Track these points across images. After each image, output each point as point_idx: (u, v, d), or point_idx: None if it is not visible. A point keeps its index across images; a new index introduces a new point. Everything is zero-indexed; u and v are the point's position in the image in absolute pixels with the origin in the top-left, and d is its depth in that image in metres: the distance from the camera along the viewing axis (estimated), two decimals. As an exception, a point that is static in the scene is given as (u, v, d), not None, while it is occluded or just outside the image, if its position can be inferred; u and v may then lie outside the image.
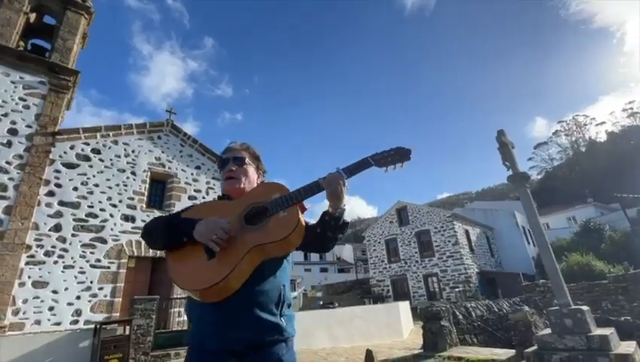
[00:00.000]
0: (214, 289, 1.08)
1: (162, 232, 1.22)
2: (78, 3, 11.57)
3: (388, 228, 25.84)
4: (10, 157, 8.87)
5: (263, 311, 1.15)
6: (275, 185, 1.33)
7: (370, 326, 10.06)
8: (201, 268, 1.14)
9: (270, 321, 1.15)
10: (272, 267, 1.23)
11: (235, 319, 1.12)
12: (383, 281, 24.73)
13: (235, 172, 1.40)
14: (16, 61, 9.68)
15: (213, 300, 1.11)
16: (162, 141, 12.17)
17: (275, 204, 1.21)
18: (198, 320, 1.19)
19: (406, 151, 1.28)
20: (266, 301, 1.17)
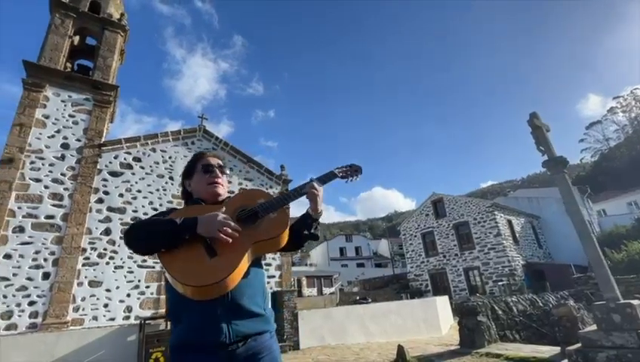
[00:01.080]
0: (218, 285, 1.11)
1: (167, 231, 1.17)
2: (115, 22, 12.43)
3: (424, 221, 25.11)
4: (64, 170, 9.80)
5: (252, 305, 1.24)
6: (259, 191, 1.48)
7: (405, 322, 9.89)
8: (204, 266, 1.15)
9: (259, 313, 1.26)
10: (257, 264, 1.34)
11: (229, 312, 1.18)
12: (421, 276, 24.12)
13: (220, 179, 1.49)
14: (64, 81, 10.64)
15: (212, 296, 1.14)
16: (196, 146, 12.76)
17: (264, 207, 1.32)
18: (188, 317, 1.19)
19: (357, 167, 1.68)
20: (254, 294, 1.27)
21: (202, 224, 1.18)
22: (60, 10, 11.26)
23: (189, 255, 1.18)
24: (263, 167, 14.19)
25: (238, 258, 1.18)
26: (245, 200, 1.39)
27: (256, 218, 1.30)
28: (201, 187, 1.46)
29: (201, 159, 1.53)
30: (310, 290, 31.40)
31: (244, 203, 1.36)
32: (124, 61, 14.68)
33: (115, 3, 13.23)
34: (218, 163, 1.53)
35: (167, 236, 1.17)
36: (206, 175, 1.47)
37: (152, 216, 1.32)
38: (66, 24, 11.23)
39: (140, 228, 1.21)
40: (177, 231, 1.17)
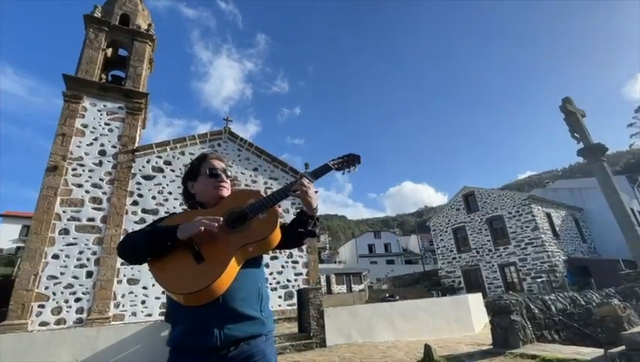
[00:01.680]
0: (206, 291, 1.10)
1: (145, 241, 1.20)
2: (143, 33, 13.03)
3: (455, 216, 24.27)
4: (102, 175, 10.44)
5: (245, 308, 1.22)
6: (248, 191, 1.44)
7: (435, 320, 9.61)
8: (191, 273, 1.15)
9: (252, 316, 1.23)
10: (251, 266, 1.31)
11: (221, 316, 1.17)
12: (453, 272, 23.35)
13: (226, 183, 1.49)
14: (99, 92, 11.31)
15: (204, 302, 1.14)
16: (222, 148, 13.13)
17: (253, 208, 1.30)
18: (182, 321, 1.20)
19: (355, 156, 1.56)
20: (247, 297, 1.25)
21: (181, 229, 1.18)
22: (94, 25, 11.97)
23: (177, 263, 1.19)
24: (287, 166, 14.34)
25: (225, 262, 1.16)
26: (236, 201, 1.37)
27: (246, 219, 1.29)
28: (206, 191, 1.45)
29: (206, 162, 1.51)
30: (339, 287, 31.43)
31: (235, 204, 1.35)
32: (154, 69, 15.37)
33: (143, 14, 13.86)
34: (223, 167, 1.52)
35: (145, 246, 1.20)
36: (212, 179, 1.46)
37: (151, 223, 1.35)
38: (99, 38, 11.93)
39: (126, 240, 1.25)
40: (155, 239, 1.19)
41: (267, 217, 1.30)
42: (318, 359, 6.33)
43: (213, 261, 1.16)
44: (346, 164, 1.54)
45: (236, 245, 1.21)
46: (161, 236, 1.20)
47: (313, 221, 1.44)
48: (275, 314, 11.78)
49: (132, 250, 1.23)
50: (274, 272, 12.42)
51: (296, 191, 1.36)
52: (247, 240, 1.23)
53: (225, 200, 1.42)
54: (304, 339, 7.56)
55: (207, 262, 1.16)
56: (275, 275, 12.43)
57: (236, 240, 1.22)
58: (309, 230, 1.43)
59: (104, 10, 12.80)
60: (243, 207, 1.31)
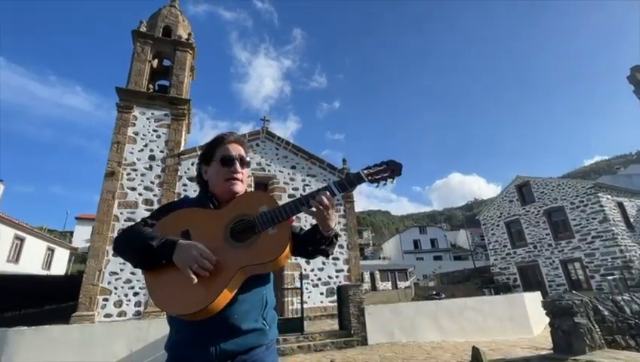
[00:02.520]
0: (202, 312, 1.02)
1: (142, 255, 1.10)
2: (184, 42, 13.73)
3: (507, 208, 22.52)
4: (152, 178, 11.21)
5: (245, 321, 1.12)
6: (264, 196, 1.26)
7: (486, 320, 8.95)
8: (184, 291, 1.05)
9: (252, 329, 1.13)
10: (255, 276, 1.17)
11: (218, 331, 1.08)
12: (508, 269, 21.71)
13: (241, 174, 1.30)
14: (147, 101, 12.14)
15: (199, 319, 1.06)
16: (260, 147, 13.43)
17: (263, 220, 1.14)
18: (178, 330, 1.14)
19: (395, 166, 1.24)
20: (250, 310, 1.14)
21: (177, 254, 1.07)
22: (140, 39, 12.85)
23: (170, 277, 1.08)
24: (324, 163, 14.28)
25: (224, 282, 1.06)
26: (246, 206, 1.21)
27: (254, 232, 1.14)
28: (217, 180, 1.28)
29: (221, 146, 1.32)
30: (384, 284, 30.86)
31: (244, 210, 1.19)
32: (195, 76, 16.17)
33: (183, 25, 14.61)
34: (239, 153, 1.31)
35: (141, 259, 1.11)
36: (224, 168, 1.27)
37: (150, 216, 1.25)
38: (145, 50, 12.78)
39: (124, 241, 1.16)
40: (152, 255, 1.09)
41: (277, 234, 1.13)
42: (359, 357, 6.19)
43: (211, 280, 1.05)
44: (383, 174, 1.23)
45: (238, 264, 1.08)
46: (158, 256, 1.09)
47: (328, 240, 1.24)
48: (317, 310, 11.83)
49: (127, 256, 1.15)
50: (315, 269, 12.46)
51: (310, 207, 1.16)
52: (250, 260, 1.09)
53: (235, 201, 1.25)
54: (345, 337, 7.45)
55: (206, 281, 1.05)
56: (317, 272, 12.46)
57: (239, 259, 1.10)
58: (322, 249, 1.25)
59: (149, 24, 13.70)
60: (252, 216, 1.16)
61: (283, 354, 6.67)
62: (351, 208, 14.05)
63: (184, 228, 1.17)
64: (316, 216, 1.18)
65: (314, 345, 7.01)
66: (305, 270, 12.25)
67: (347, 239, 13.45)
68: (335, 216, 1.24)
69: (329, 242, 1.25)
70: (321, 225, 1.21)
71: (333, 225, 1.22)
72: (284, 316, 9.79)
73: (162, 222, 1.21)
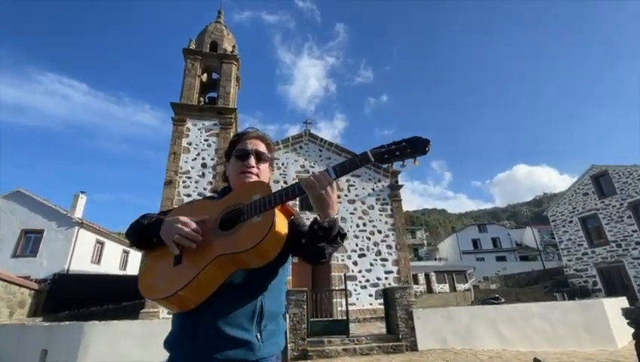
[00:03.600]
0: (173, 299, 0.98)
1: (134, 231, 1.16)
2: (229, 55, 14.51)
3: (582, 202, 19.98)
4: (205, 185, 11.98)
5: (229, 327, 1.01)
6: (259, 183, 1.18)
7: (556, 328, 7.97)
8: (164, 275, 1.06)
9: (238, 338, 1.00)
10: (249, 276, 1.08)
11: (198, 334, 1.02)
12: (585, 271, 19.21)
13: (254, 168, 1.24)
14: (198, 113, 13.03)
15: (175, 310, 1.04)
16: (303, 150, 13.64)
17: (251, 207, 1.06)
18: (172, 325, 1.11)
19: (418, 142, 1.00)
20: (235, 314, 1.03)
21: (163, 228, 1.07)
22: (190, 56, 13.86)
23: (159, 261, 1.11)
24: (368, 162, 14.01)
25: (194, 271, 1.00)
26: (242, 195, 1.15)
27: (240, 220, 1.06)
28: (233, 175, 1.26)
29: (239, 142, 1.29)
30: (441, 286, 29.33)
31: (240, 200, 1.13)
32: (241, 86, 16.97)
33: (228, 38, 15.44)
34: (256, 148, 1.26)
35: (136, 238, 1.15)
36: (239, 161, 1.25)
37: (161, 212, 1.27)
38: (195, 66, 13.75)
39: (131, 226, 1.20)
40: (144, 233, 1.13)
41: (260, 223, 1.02)
42: (406, 364, 5.91)
43: (186, 267, 1.02)
44: (398, 152, 1.01)
45: (213, 254, 1.01)
46: (147, 233, 1.11)
47: (330, 235, 1.03)
48: (367, 312, 11.61)
49: (131, 236, 1.19)
50: (362, 270, 12.27)
51: (302, 190, 1.03)
52: (227, 249, 1.01)
53: (235, 191, 1.21)
54: (392, 341, 7.18)
55: (182, 266, 1.03)
56: (364, 273, 12.26)
57: (216, 247, 1.03)
58: (318, 247, 1.04)
59: (197, 42, 14.72)
60: (244, 204, 1.09)
61: (328, 356, 6.63)
62: (398, 207, 13.59)
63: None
64: (311, 198, 1.02)
65: (360, 349, 6.86)
66: (352, 271, 12.13)
67: (395, 239, 13.03)
68: (335, 202, 1.05)
69: (330, 238, 1.04)
70: (318, 210, 1.03)
71: (332, 211, 1.03)
72: (332, 317, 9.78)
73: (170, 214, 1.20)
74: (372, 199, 13.47)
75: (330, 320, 8.25)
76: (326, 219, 1.02)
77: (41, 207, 16.23)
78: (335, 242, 1.06)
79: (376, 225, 13.06)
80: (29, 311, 10.76)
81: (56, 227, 15.96)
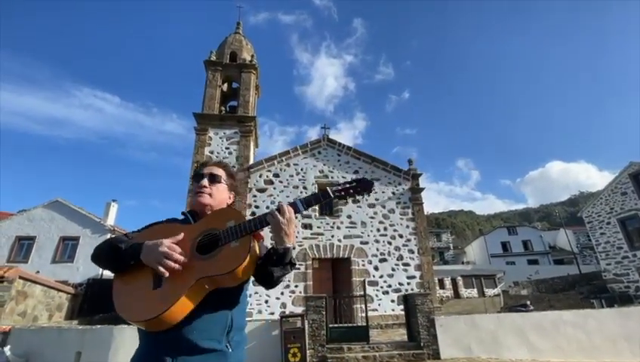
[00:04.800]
0: (155, 321, 1.04)
1: (108, 255, 1.18)
2: (248, 64, 14.87)
3: (620, 202, 18.73)
4: (226, 192, 12.29)
5: (204, 340, 1.12)
6: (232, 211, 1.30)
7: (592, 338, 7.49)
8: (144, 298, 1.10)
9: (212, 349, 1.12)
10: (220, 293, 1.17)
11: (176, 346, 1.09)
12: (626, 275, 17.93)
13: (207, 188, 1.36)
14: (219, 122, 13.43)
15: (155, 330, 1.09)
16: (322, 155, 13.70)
17: (228, 233, 1.18)
18: (141, 342, 1.16)
19: (366, 184, 1.33)
20: (209, 328, 1.14)
21: (145, 252, 1.12)
22: (211, 67, 14.34)
23: (136, 283, 1.14)
24: (388, 165, 13.87)
25: (178, 293, 1.07)
26: (216, 221, 1.25)
27: (218, 245, 1.18)
28: (191, 196, 1.42)
29: (197, 169, 1.45)
30: (468, 291, 28.32)
31: (214, 225, 1.23)
32: (261, 94, 17.33)
33: (247, 48, 15.84)
34: (210, 172, 1.40)
35: (112, 261, 1.17)
36: (194, 184, 1.39)
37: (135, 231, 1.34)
38: (215, 77, 14.21)
39: (99, 248, 1.22)
40: (119, 257, 1.15)
41: (238, 248, 1.15)
42: (427, 373, 5.76)
43: (168, 290, 1.08)
44: (352, 191, 1.33)
45: (194, 276, 1.10)
46: (125, 256, 1.15)
47: (282, 262, 1.21)
48: (389, 318, 11.43)
49: (100, 260, 1.21)
50: (384, 275, 12.10)
51: (270, 215, 1.20)
52: (208, 271, 1.11)
53: (208, 216, 1.31)
54: (414, 349, 7.02)
55: (163, 289, 1.09)
56: (386, 278, 12.09)
57: (197, 270, 1.12)
58: (269, 270, 1.19)
59: (217, 53, 15.21)
60: (219, 230, 1.20)
61: (347, 363, 6.58)
62: (419, 211, 13.33)
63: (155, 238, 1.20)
64: (271, 226, 1.21)
65: (380, 356, 6.76)
66: (373, 276, 12.00)
67: (417, 243, 12.77)
68: (293, 234, 1.24)
69: (282, 264, 1.20)
70: (275, 238, 1.21)
71: (288, 241, 1.21)
72: (353, 323, 9.69)
73: (137, 235, 1.27)
74: (392, 203, 13.29)
75: (349, 326, 8.19)
76: (281, 246, 1.20)
77: (76, 215, 17.24)
78: (285, 269, 1.22)
79: (397, 229, 12.86)
80: (67, 314, 11.42)
81: (91, 234, 16.88)
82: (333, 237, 12.30)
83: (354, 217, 12.76)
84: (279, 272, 1.21)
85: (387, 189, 13.50)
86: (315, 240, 12.15)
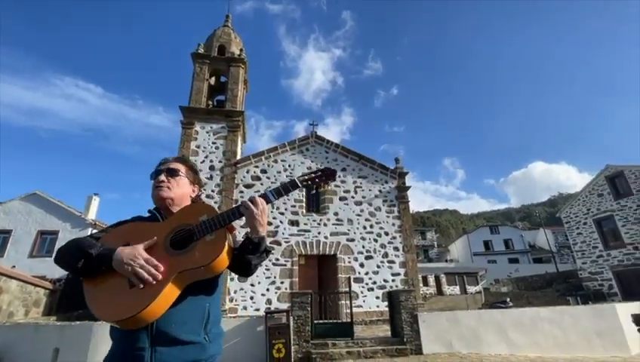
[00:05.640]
0: (135, 319, 1.04)
1: (76, 260, 1.13)
2: (236, 58, 14.66)
3: (596, 203, 19.45)
4: (212, 187, 12.14)
5: (183, 332, 1.13)
6: (203, 205, 1.33)
7: (567, 333, 7.79)
8: (120, 297, 1.09)
9: (190, 341, 1.14)
10: (197, 287, 1.19)
11: (154, 340, 1.10)
12: (600, 274, 18.68)
13: (164, 182, 1.36)
14: (206, 116, 13.21)
15: (133, 327, 1.08)
16: (310, 152, 13.68)
17: (202, 228, 1.20)
18: (117, 341, 1.16)
19: (330, 172, 1.41)
20: (188, 321, 1.15)
21: (116, 261, 1.10)
22: (199, 60, 14.07)
23: (109, 283, 1.12)
24: (375, 163, 13.97)
25: (159, 287, 1.07)
26: (185, 217, 1.27)
27: (193, 239, 1.19)
28: (152, 191, 1.38)
29: (156, 166, 1.43)
30: (451, 288, 28.94)
31: (185, 221, 1.25)
32: (249, 89, 17.14)
33: (235, 42, 15.62)
34: (168, 166, 1.40)
35: (79, 267, 1.12)
36: (153, 181, 1.39)
37: (101, 231, 1.31)
38: (203, 70, 13.95)
39: (64, 251, 1.18)
40: (92, 264, 1.12)
41: (213, 240, 1.18)
42: (410, 368, 5.88)
43: (147, 287, 1.08)
44: (318, 179, 1.40)
45: (173, 270, 1.11)
46: (96, 262, 1.12)
47: (258, 250, 1.27)
48: (373, 314, 11.57)
49: (66, 264, 1.17)
50: (369, 272, 12.22)
51: (243, 206, 1.25)
52: (187, 265, 1.12)
53: (178, 212, 1.32)
54: (397, 344, 7.14)
55: (142, 287, 1.08)
56: (371, 275, 12.21)
57: (175, 266, 1.12)
58: (247, 259, 1.26)
59: (205, 46, 14.93)
60: (192, 225, 1.21)
61: (332, 359, 6.63)
62: (405, 209, 13.50)
63: (126, 240, 1.20)
64: (246, 217, 1.26)
65: (364, 352, 6.84)
66: (359, 273, 12.10)
67: (403, 241, 12.94)
68: (265, 223, 1.29)
69: (258, 253, 1.27)
70: (249, 227, 1.27)
71: (261, 230, 1.27)
72: (338, 320, 9.76)
73: (106, 236, 1.26)
74: (379, 201, 13.41)
75: (334, 322, 8.25)
76: (256, 236, 1.26)
77: (56, 209, 16.72)
78: (261, 256, 1.30)
79: (384, 227, 13.00)
80: (44, 311, 11.08)
81: (71, 228, 16.41)
82: (320, 234, 12.33)
83: (341, 214, 12.81)
84: (256, 260, 1.28)
85: (374, 187, 13.61)
86: (302, 236, 12.16)
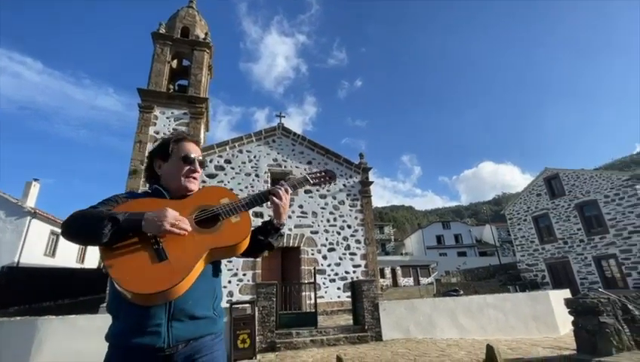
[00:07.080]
0: (164, 293, 1.01)
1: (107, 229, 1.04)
2: (201, 42, 14.01)
3: (535, 202, 21.53)
4: (172, 175, 11.58)
5: (197, 308, 1.16)
6: (223, 190, 1.36)
7: (508, 318, 8.64)
8: (151, 270, 1.04)
9: (204, 316, 1.18)
10: (212, 267, 1.25)
11: (170, 315, 1.10)
12: (536, 265, 20.80)
13: (198, 174, 1.36)
14: (167, 101, 12.51)
15: (158, 303, 1.06)
16: (276, 144, 13.55)
17: (227, 210, 1.25)
18: (125, 317, 1.10)
19: (332, 174, 1.65)
20: (202, 297, 1.19)
21: (149, 221, 1.07)
22: (160, 41, 13.24)
23: (134, 255, 1.07)
24: (340, 158, 14.20)
25: (192, 263, 1.08)
26: (206, 199, 1.28)
27: (217, 220, 1.22)
28: (175, 176, 1.30)
29: (182, 145, 1.35)
30: (406, 280, 30.44)
31: (205, 202, 1.26)
32: (214, 75, 16.49)
33: (201, 24, 14.90)
34: (199, 155, 1.38)
35: (104, 234, 1.03)
36: (185, 166, 1.31)
37: (100, 203, 1.20)
38: (164, 52, 13.17)
39: (78, 220, 1.07)
40: (119, 231, 1.06)
41: (240, 222, 1.25)
42: (371, 353, 6.15)
43: (177, 262, 1.06)
44: (323, 179, 1.62)
45: (205, 248, 1.13)
46: (125, 225, 1.06)
47: (277, 234, 1.41)
48: (335, 305, 11.86)
49: (87, 232, 1.06)
50: (332, 264, 12.47)
51: (274, 197, 1.36)
52: (217, 243, 1.17)
53: (195, 194, 1.31)
54: (359, 332, 7.42)
55: (171, 262, 1.06)
56: (333, 267, 12.47)
57: (205, 242, 1.15)
58: (269, 242, 1.39)
59: (167, 26, 14.08)
60: (215, 207, 1.25)
61: (296, 347, 6.74)
62: (368, 203, 13.92)
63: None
64: (274, 208, 1.37)
65: (327, 340, 7.03)
66: (322, 265, 12.30)
67: (364, 234, 13.35)
68: (287, 212, 1.43)
69: (277, 236, 1.42)
70: (277, 216, 1.39)
71: (284, 218, 1.41)
72: (301, 310, 9.88)
73: (123, 207, 1.17)
74: (343, 195, 13.69)
75: (298, 312, 8.35)
76: (280, 222, 1.40)
77: (-13, 195, 14.91)
78: (279, 239, 1.45)
79: (347, 220, 13.31)
80: (-28, 307, 9.93)
81: (5, 216, 14.75)
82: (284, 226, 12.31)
83: (305, 207, 12.89)
84: (276, 242, 1.42)
85: (339, 181, 13.85)
86: (266, 228, 12.07)
